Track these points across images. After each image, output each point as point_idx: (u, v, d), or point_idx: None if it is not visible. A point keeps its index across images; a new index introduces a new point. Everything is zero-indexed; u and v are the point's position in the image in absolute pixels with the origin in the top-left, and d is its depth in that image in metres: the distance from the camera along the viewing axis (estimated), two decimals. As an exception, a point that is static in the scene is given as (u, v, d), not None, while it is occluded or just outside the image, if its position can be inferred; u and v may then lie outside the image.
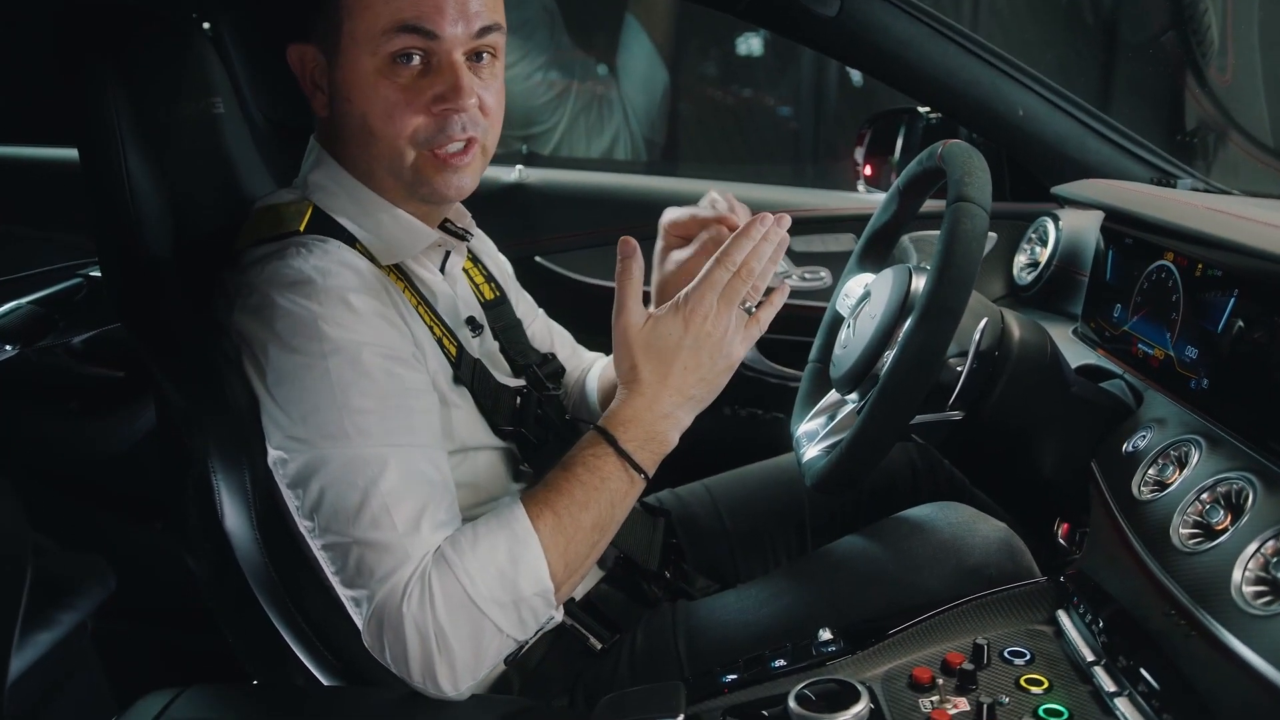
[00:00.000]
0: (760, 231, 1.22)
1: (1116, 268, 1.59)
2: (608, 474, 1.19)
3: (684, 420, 1.24)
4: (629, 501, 1.23)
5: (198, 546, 1.35)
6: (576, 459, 1.20)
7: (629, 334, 1.21)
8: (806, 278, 2.18)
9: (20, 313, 1.50)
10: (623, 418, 1.21)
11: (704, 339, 1.20)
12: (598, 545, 1.21)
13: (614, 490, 1.20)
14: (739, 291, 1.20)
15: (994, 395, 1.32)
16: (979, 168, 1.26)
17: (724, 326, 1.20)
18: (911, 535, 1.39)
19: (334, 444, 1.13)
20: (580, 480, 1.19)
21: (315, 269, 1.18)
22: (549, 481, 1.20)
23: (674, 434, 1.24)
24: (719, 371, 1.22)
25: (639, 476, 1.21)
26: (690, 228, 1.35)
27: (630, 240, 1.22)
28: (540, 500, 1.17)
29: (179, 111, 1.36)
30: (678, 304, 1.20)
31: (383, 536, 1.11)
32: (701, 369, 1.21)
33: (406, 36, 1.20)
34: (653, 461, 1.23)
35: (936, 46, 1.86)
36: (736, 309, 1.21)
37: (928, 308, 1.19)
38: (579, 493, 1.18)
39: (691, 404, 1.23)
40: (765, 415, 2.23)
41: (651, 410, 1.21)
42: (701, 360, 1.20)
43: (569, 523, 1.17)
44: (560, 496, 1.18)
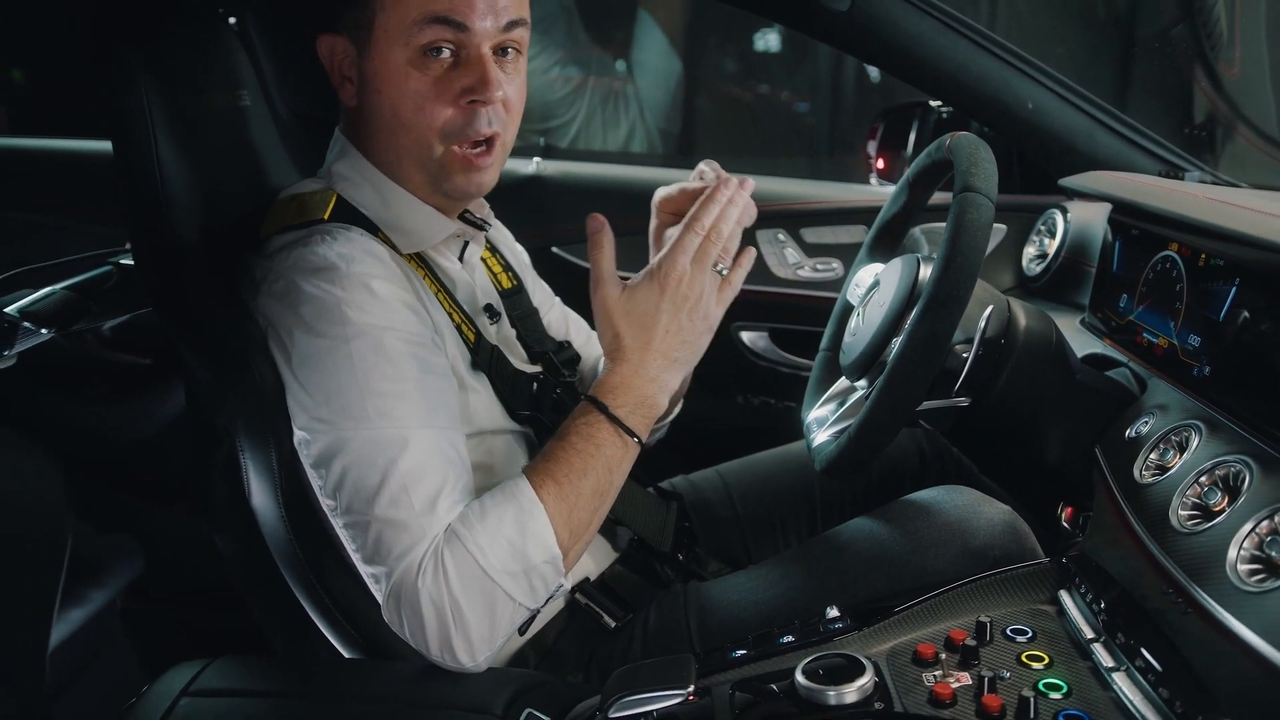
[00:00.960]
0: (726, 195, 1.26)
1: (1123, 259, 1.61)
2: (602, 440, 1.23)
3: (671, 383, 1.27)
4: (625, 466, 1.26)
5: (224, 524, 1.39)
6: (571, 429, 1.24)
7: (608, 304, 1.25)
8: (819, 269, 2.20)
9: (55, 298, 1.54)
10: (611, 385, 1.25)
11: (681, 302, 1.23)
12: (599, 511, 1.25)
13: (610, 456, 1.23)
14: (710, 254, 1.24)
15: (1000, 382, 1.34)
16: (985, 159, 1.28)
17: (699, 288, 1.24)
18: (918, 517, 1.41)
19: (356, 425, 1.17)
20: (577, 449, 1.22)
21: (339, 255, 1.21)
22: (548, 452, 1.23)
23: (662, 397, 1.27)
24: (699, 333, 1.26)
25: (632, 441, 1.25)
26: (680, 202, 1.38)
27: (598, 216, 1.26)
28: (541, 471, 1.21)
29: (207, 103, 1.40)
30: (652, 271, 1.24)
31: (401, 515, 1.15)
32: (682, 331, 1.24)
33: (437, 28, 1.24)
34: (644, 426, 1.26)
35: (947, 41, 1.89)
36: (709, 271, 1.24)
37: (934, 295, 1.22)
38: (577, 461, 1.21)
39: (676, 366, 1.26)
40: (777, 404, 2.26)
41: (638, 375, 1.25)
42: (681, 323, 1.24)
43: (570, 490, 1.20)
44: (559, 466, 1.21)
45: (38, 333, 1.48)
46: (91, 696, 1.61)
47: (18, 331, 1.45)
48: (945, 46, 1.88)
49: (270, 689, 1.20)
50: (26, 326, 1.46)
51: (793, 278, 2.20)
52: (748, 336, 2.25)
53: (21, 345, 1.46)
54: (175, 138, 1.31)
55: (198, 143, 1.35)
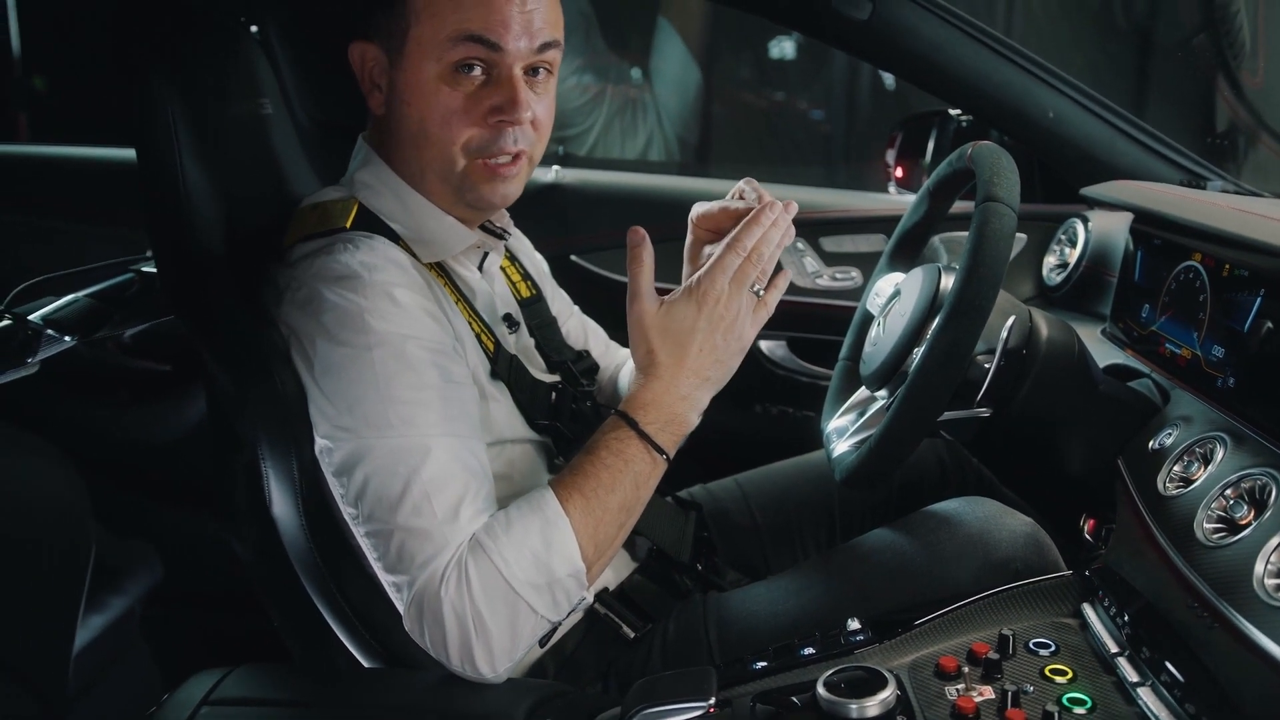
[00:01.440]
0: (770, 218, 1.25)
1: (1145, 268, 1.60)
2: (631, 456, 1.23)
3: (702, 401, 1.27)
4: (652, 482, 1.26)
5: (244, 531, 1.39)
6: (600, 443, 1.24)
7: (644, 319, 1.25)
8: (838, 278, 2.19)
9: (78, 306, 1.55)
10: (642, 401, 1.25)
11: (717, 321, 1.23)
12: (625, 526, 1.25)
13: (638, 472, 1.23)
14: (750, 275, 1.24)
15: (1021, 392, 1.33)
16: (1007, 168, 1.28)
17: (736, 309, 1.24)
18: (939, 528, 1.41)
19: (378, 433, 1.17)
20: (605, 463, 1.22)
21: (361, 264, 1.22)
22: (575, 466, 1.23)
23: (693, 415, 1.27)
24: (732, 353, 1.26)
25: (661, 458, 1.25)
26: (720, 220, 1.37)
27: (639, 230, 1.26)
28: (568, 484, 1.21)
29: (230, 112, 1.41)
30: (690, 289, 1.24)
31: (423, 524, 1.15)
32: (716, 351, 1.24)
33: (471, 46, 1.24)
34: (673, 442, 1.26)
35: (967, 49, 1.88)
36: (747, 292, 1.24)
37: (956, 306, 1.21)
38: (605, 475, 1.21)
39: (708, 385, 1.26)
40: (796, 413, 2.25)
41: (670, 393, 1.25)
42: (716, 342, 1.24)
43: (596, 505, 1.20)
44: (587, 480, 1.21)
45: (61, 340, 1.49)
46: (111, 703, 1.62)
47: (41, 339, 1.46)
48: (966, 55, 1.88)
49: (290, 698, 1.21)
50: (50, 334, 1.47)
51: (812, 286, 2.19)
52: (766, 345, 2.24)
53: (44, 353, 1.47)
54: (198, 146, 1.32)
55: (220, 151, 1.35)
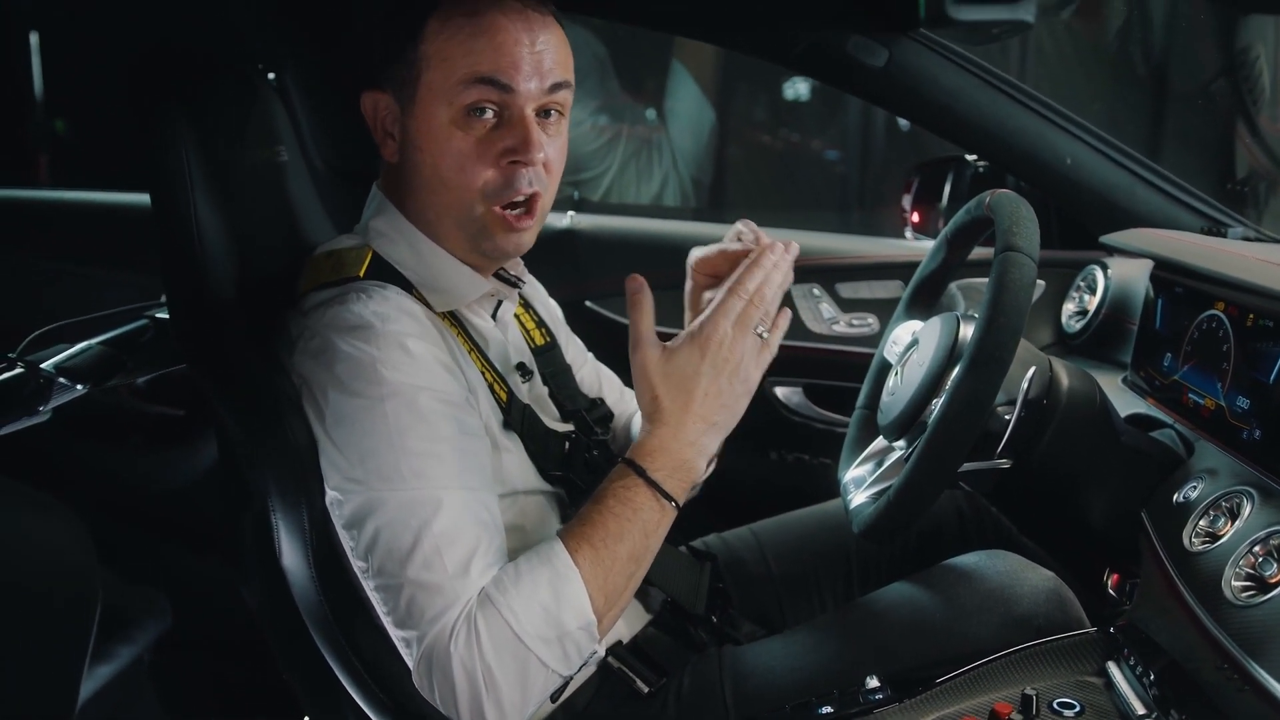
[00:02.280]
0: (772, 260, 1.25)
1: (1166, 316, 1.59)
2: (639, 504, 1.21)
3: (709, 447, 1.26)
4: (662, 531, 1.24)
5: (254, 581, 1.38)
6: (608, 492, 1.22)
7: (647, 366, 1.23)
8: (854, 324, 2.18)
9: (91, 353, 1.55)
10: (649, 448, 1.23)
11: (722, 365, 1.22)
12: (635, 576, 1.23)
13: (646, 520, 1.21)
14: (753, 318, 1.23)
15: (1042, 443, 1.32)
16: (1027, 217, 1.27)
17: (740, 352, 1.22)
18: (959, 583, 1.38)
19: (389, 486, 1.16)
20: (613, 512, 1.20)
21: (375, 314, 1.21)
22: (583, 516, 1.21)
23: (700, 461, 1.25)
24: (738, 396, 1.24)
25: (669, 505, 1.23)
26: (719, 264, 1.37)
27: (637, 277, 1.25)
28: (577, 535, 1.19)
29: (246, 158, 1.41)
30: (693, 334, 1.23)
31: (434, 578, 1.13)
32: (722, 395, 1.23)
33: (482, 89, 1.24)
34: (682, 489, 1.24)
35: (984, 96, 1.88)
36: (751, 335, 1.23)
37: (976, 356, 1.20)
38: (613, 524, 1.20)
39: (715, 430, 1.25)
40: (812, 461, 2.23)
41: (677, 439, 1.23)
42: (721, 386, 1.22)
43: (606, 555, 1.18)
44: (595, 530, 1.19)
45: (72, 388, 1.48)
46: (117, 753, 1.60)
47: (53, 387, 1.46)
48: (983, 102, 1.88)
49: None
50: (62, 382, 1.47)
51: (828, 333, 2.18)
52: (782, 392, 2.23)
53: (56, 400, 1.47)
54: (213, 193, 1.32)
55: (236, 199, 1.35)
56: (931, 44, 1.86)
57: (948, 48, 1.87)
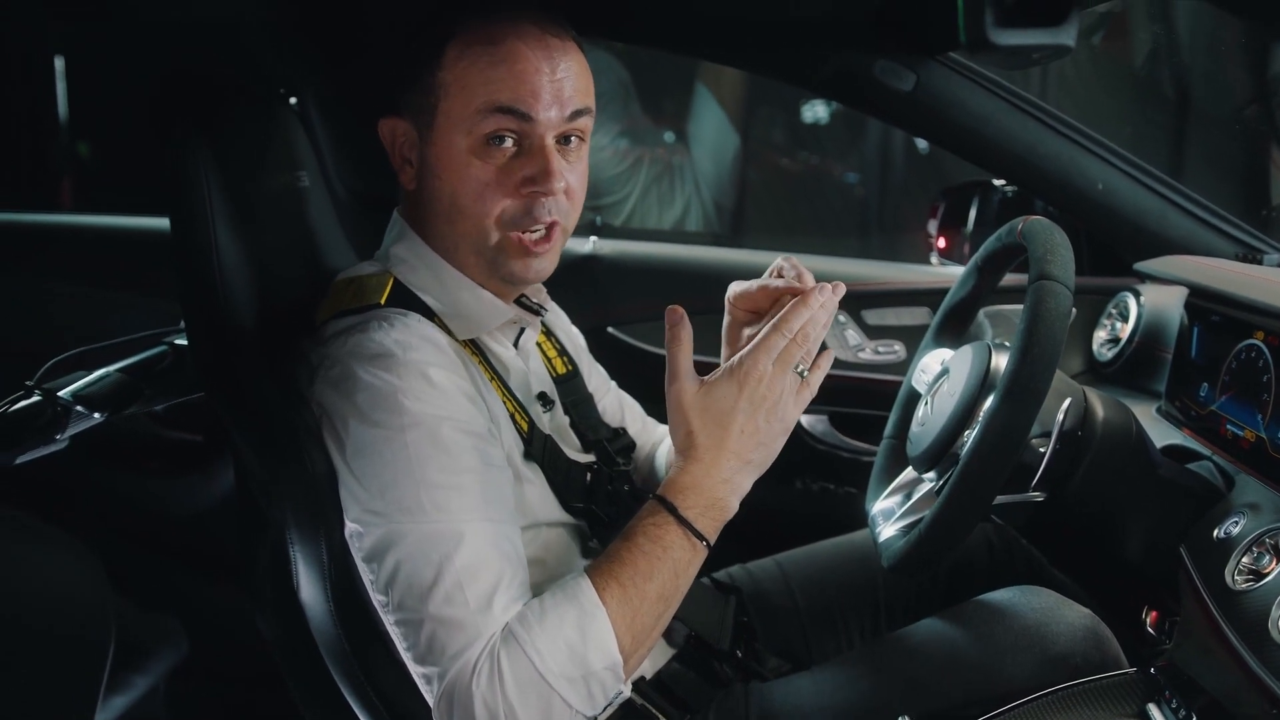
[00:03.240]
0: (819, 301, 1.22)
1: (1202, 345, 1.55)
2: (670, 543, 1.18)
3: (743, 485, 1.22)
4: (692, 570, 1.21)
5: (269, 612, 1.36)
6: (638, 529, 1.19)
7: (683, 400, 1.21)
8: (880, 351, 2.15)
9: (109, 380, 1.53)
10: (682, 485, 1.20)
11: (759, 402, 1.19)
12: (663, 616, 1.20)
13: (677, 559, 1.18)
14: (795, 356, 1.20)
15: (1077, 477, 1.29)
16: (1061, 245, 1.25)
17: (779, 390, 1.19)
18: (993, 620, 1.35)
19: (410, 518, 1.13)
20: (643, 550, 1.17)
21: (396, 342, 1.19)
22: (612, 553, 1.19)
23: (734, 500, 1.22)
24: (775, 435, 1.21)
25: (701, 544, 1.20)
26: (759, 300, 1.34)
27: (678, 309, 1.22)
28: (605, 572, 1.16)
29: (266, 184, 1.39)
30: (732, 369, 1.20)
31: (455, 613, 1.11)
32: (759, 433, 1.20)
33: (501, 118, 1.23)
34: (714, 528, 1.21)
35: (1014, 120, 1.86)
36: (791, 373, 1.20)
37: (1010, 387, 1.17)
38: (642, 563, 1.17)
39: (750, 469, 1.22)
40: (838, 490, 2.20)
41: (710, 476, 1.20)
42: (758, 424, 1.19)
43: (634, 594, 1.15)
44: (624, 567, 1.16)
45: (90, 416, 1.47)
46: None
47: (70, 415, 1.45)
48: (1012, 126, 1.85)
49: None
50: (79, 410, 1.46)
51: (854, 360, 2.15)
52: (807, 420, 2.20)
53: (74, 429, 1.46)
54: (233, 220, 1.31)
55: (256, 225, 1.34)
56: (959, 67, 1.84)
57: (975, 71, 1.85)
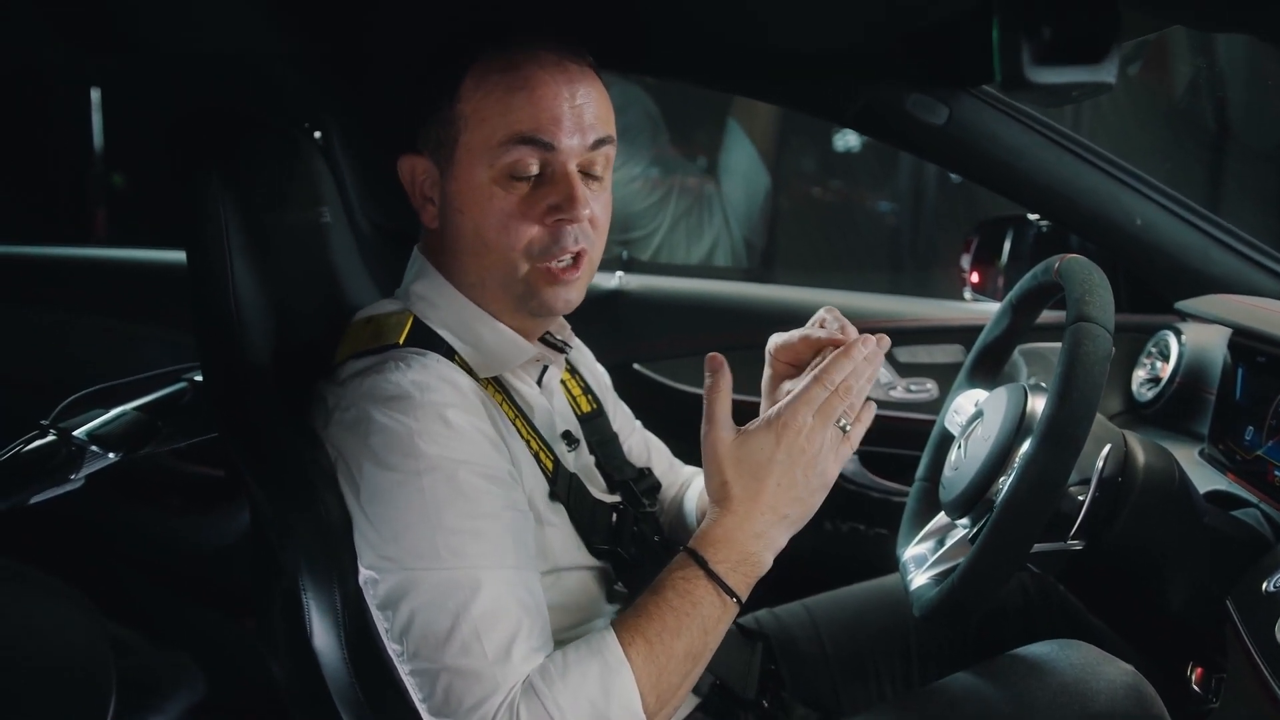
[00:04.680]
0: (863, 353, 1.18)
1: (1247, 387, 1.51)
2: (699, 598, 1.14)
3: (778, 541, 1.18)
4: (722, 628, 1.17)
5: (283, 657, 1.33)
6: (667, 582, 1.15)
7: (719, 449, 1.17)
8: (912, 389, 2.11)
9: (125, 420, 1.52)
10: (713, 538, 1.16)
11: (798, 455, 1.15)
12: (690, 674, 1.16)
13: (706, 615, 1.14)
14: (836, 410, 1.16)
15: (1117, 525, 1.25)
16: (1100, 285, 1.21)
17: (819, 444, 1.15)
18: (1029, 675, 1.30)
19: (426, 565, 1.10)
20: (671, 605, 1.13)
21: (413, 384, 1.16)
22: (639, 606, 1.15)
23: (768, 555, 1.18)
24: (813, 490, 1.17)
25: (731, 600, 1.16)
26: (801, 351, 1.30)
27: (718, 356, 1.19)
28: (631, 627, 1.13)
29: (286, 220, 1.38)
30: (770, 420, 1.16)
31: (472, 664, 1.07)
32: (795, 487, 1.15)
33: (523, 148, 1.21)
34: (746, 585, 1.17)
35: (1049, 154, 1.83)
36: (832, 427, 1.16)
37: (1048, 433, 1.14)
38: (670, 619, 1.13)
39: (785, 524, 1.17)
40: (868, 531, 2.15)
41: (743, 530, 1.16)
42: (795, 478, 1.15)
43: (661, 651, 1.11)
44: (651, 623, 1.13)
45: (104, 456, 1.46)
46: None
47: (84, 455, 1.44)
48: (1047, 160, 1.82)
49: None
50: (94, 450, 1.45)
51: (885, 398, 2.12)
52: (837, 460, 2.15)
53: (88, 469, 1.45)
54: (252, 256, 1.29)
55: (275, 261, 1.32)
56: (992, 100, 1.81)
57: (1008, 103, 1.82)
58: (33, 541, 1.63)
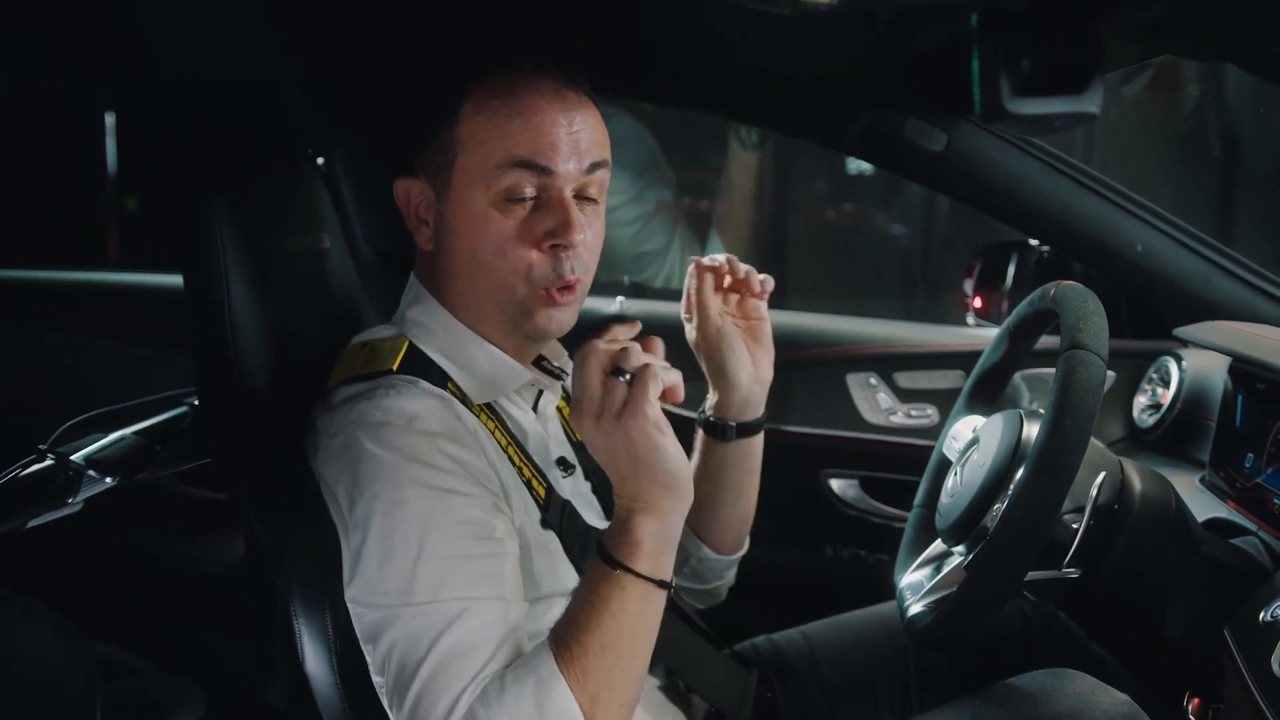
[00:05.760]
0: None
1: (1247, 414, 1.50)
2: (595, 581, 1.10)
3: (635, 499, 1.10)
4: (632, 608, 1.09)
5: (280, 683, 1.33)
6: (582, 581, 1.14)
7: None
8: (913, 415, 2.11)
9: (123, 444, 1.54)
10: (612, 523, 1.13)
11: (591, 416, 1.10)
12: (618, 668, 1.08)
13: (604, 596, 1.08)
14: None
15: (1114, 553, 1.24)
16: (1094, 312, 1.21)
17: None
18: (1025, 704, 1.29)
19: (408, 596, 1.10)
20: (581, 598, 1.10)
21: (402, 412, 1.17)
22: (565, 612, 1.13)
23: (638, 518, 1.10)
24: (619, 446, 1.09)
25: (617, 572, 1.09)
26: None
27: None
28: (555, 633, 1.10)
29: (286, 245, 1.39)
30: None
31: (436, 693, 1.07)
32: (611, 448, 1.10)
33: (520, 172, 1.22)
34: (628, 552, 1.09)
35: (1049, 181, 1.83)
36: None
37: (1040, 461, 1.14)
38: (580, 613, 1.09)
39: (630, 483, 1.10)
40: (869, 557, 2.15)
41: (620, 504, 1.12)
42: (614, 443, 1.09)
43: (579, 650, 1.07)
44: (568, 624, 1.10)
45: (102, 480, 1.47)
46: None
47: (82, 480, 1.45)
48: (1048, 187, 1.82)
49: None
50: (91, 474, 1.46)
51: (885, 424, 2.11)
52: (837, 484, 2.15)
53: (86, 493, 1.46)
54: (249, 281, 1.30)
55: (272, 286, 1.33)
56: (991, 127, 1.81)
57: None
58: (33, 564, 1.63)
